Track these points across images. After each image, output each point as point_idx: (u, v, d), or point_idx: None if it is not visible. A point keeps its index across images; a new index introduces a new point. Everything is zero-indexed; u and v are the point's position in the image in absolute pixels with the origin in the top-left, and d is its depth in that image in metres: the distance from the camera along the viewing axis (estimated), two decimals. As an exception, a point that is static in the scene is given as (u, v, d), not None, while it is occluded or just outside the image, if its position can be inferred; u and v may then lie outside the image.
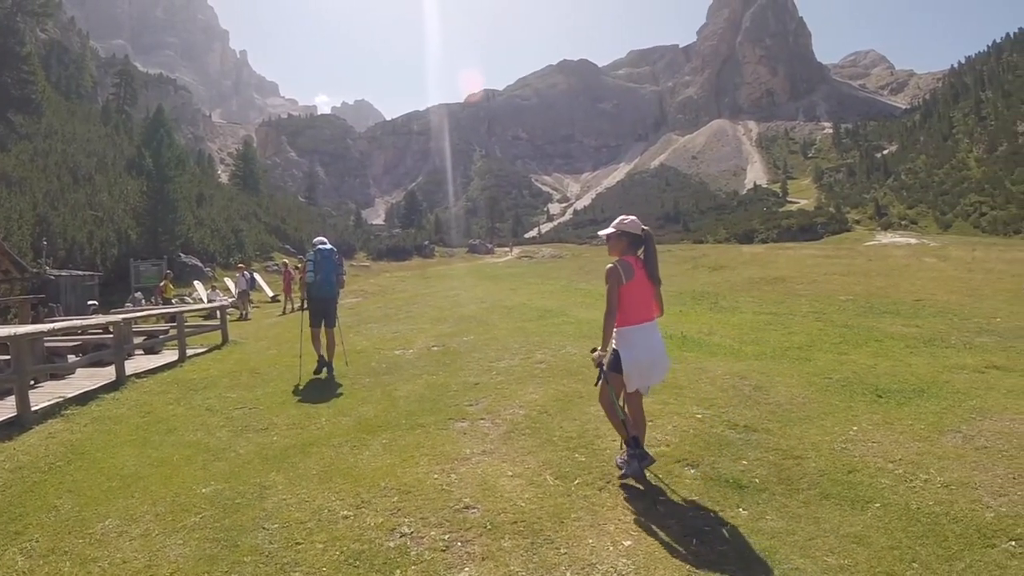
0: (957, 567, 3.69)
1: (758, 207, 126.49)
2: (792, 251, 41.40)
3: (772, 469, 5.12)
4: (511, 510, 4.41)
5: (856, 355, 9.66)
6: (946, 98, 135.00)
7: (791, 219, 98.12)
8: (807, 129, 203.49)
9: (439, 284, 29.88)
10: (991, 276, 23.37)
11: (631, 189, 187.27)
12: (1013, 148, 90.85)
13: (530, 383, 8.03)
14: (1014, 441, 5.52)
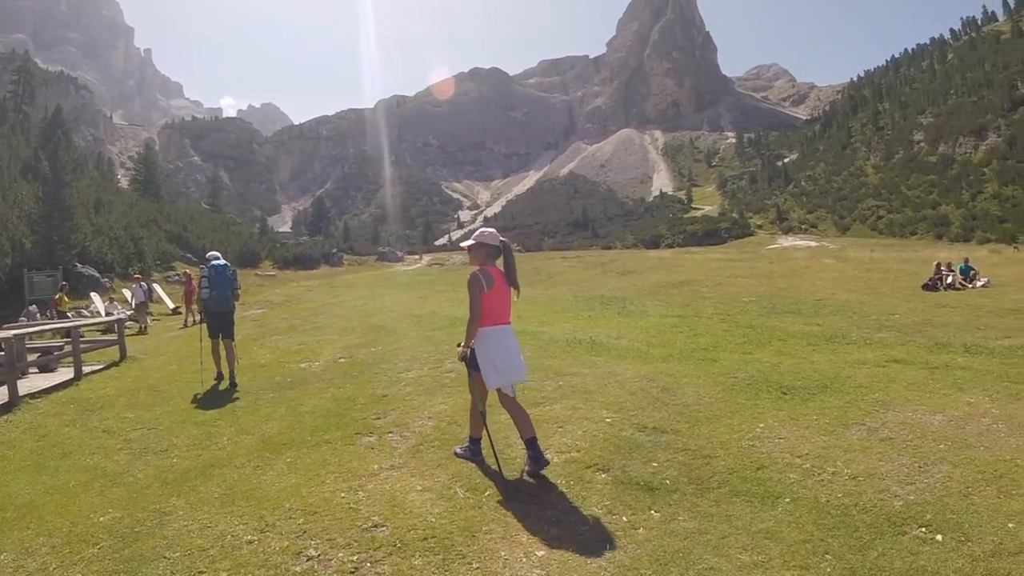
0: (870, 556, 3.79)
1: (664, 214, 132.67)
2: (697, 255, 43.22)
3: (682, 469, 5.20)
4: (421, 526, 4.39)
5: (760, 354, 10.05)
6: (845, 109, 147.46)
7: (696, 225, 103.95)
8: (711, 139, 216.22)
9: (347, 293, 29.48)
10: (889, 275, 25.18)
11: (541, 196, 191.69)
12: (909, 156, 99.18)
13: (439, 393, 7.97)
14: (917, 431, 5.82)
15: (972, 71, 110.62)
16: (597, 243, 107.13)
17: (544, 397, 7.50)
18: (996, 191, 77.00)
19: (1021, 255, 38.76)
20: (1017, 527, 4.06)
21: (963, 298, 18.32)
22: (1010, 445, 5.41)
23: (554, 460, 5.47)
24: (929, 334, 11.90)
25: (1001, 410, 6.32)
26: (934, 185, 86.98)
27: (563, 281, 32.52)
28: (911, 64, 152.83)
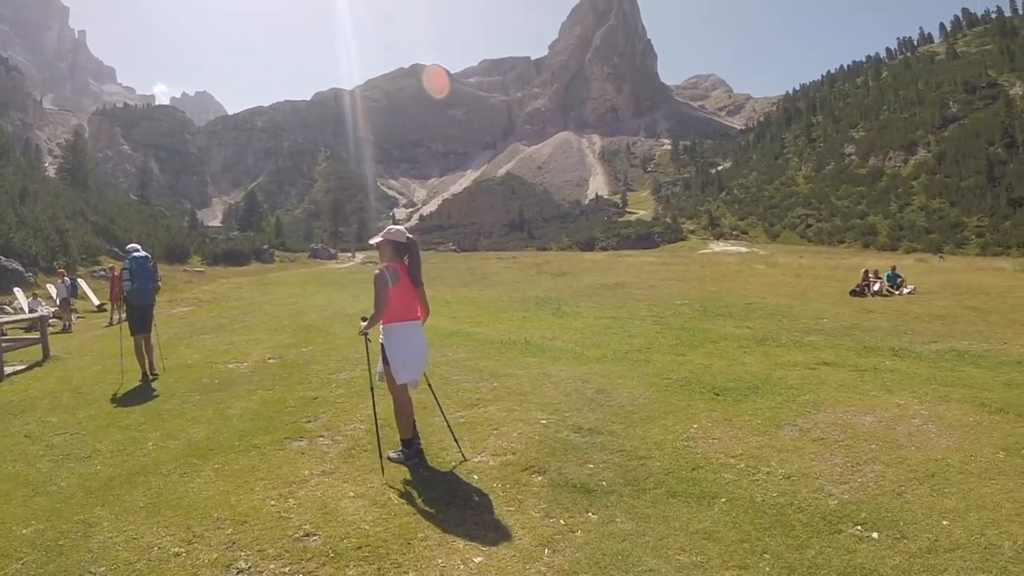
0: (807, 555, 3.85)
1: (599, 217, 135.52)
2: (631, 258, 44.14)
3: (618, 471, 5.23)
4: (355, 534, 4.30)
5: (693, 356, 10.26)
6: (780, 121, 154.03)
7: (630, 229, 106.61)
8: (648, 145, 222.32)
9: (278, 291, 28.84)
10: (817, 281, 26.16)
11: (477, 196, 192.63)
12: (839, 168, 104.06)
13: (368, 395, 7.79)
14: (848, 432, 5.99)
15: (905, 89, 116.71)
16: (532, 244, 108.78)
17: (479, 399, 7.44)
18: (924, 204, 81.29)
19: (946, 264, 40.96)
20: (951, 525, 4.19)
21: (890, 304, 19.18)
22: (940, 445, 5.62)
23: (490, 463, 5.43)
24: (857, 338, 12.39)
25: (930, 411, 6.57)
26: (863, 196, 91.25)
27: (498, 282, 32.66)
28: (846, 80, 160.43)
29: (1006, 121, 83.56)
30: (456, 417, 6.66)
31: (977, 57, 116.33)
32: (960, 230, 70.78)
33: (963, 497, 4.63)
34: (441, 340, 11.55)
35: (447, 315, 16.22)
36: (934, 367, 9.14)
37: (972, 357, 10.01)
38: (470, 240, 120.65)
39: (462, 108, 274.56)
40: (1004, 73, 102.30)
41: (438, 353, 10.11)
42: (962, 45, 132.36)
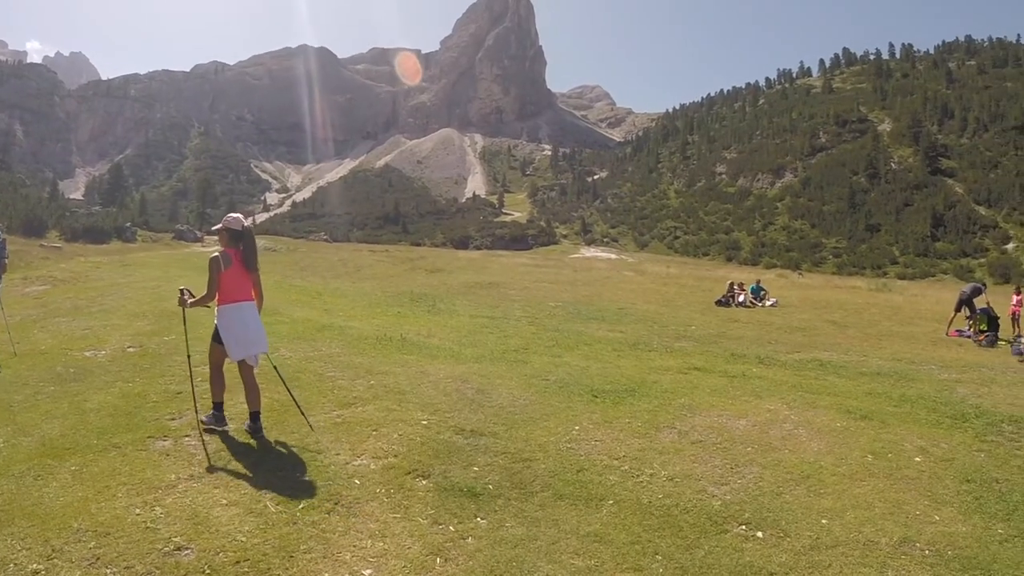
0: (698, 555, 3.99)
1: (475, 215, 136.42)
2: (505, 259, 44.70)
3: (504, 473, 5.22)
4: (231, 547, 4.04)
5: (569, 357, 10.45)
6: (657, 136, 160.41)
7: (505, 229, 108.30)
8: (529, 148, 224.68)
9: (140, 273, 26.76)
10: (684, 290, 27.47)
11: (354, 186, 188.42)
12: (709, 185, 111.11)
13: (239, 391, 7.32)
14: (725, 435, 6.29)
15: (779, 117, 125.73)
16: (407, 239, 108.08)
17: (356, 397, 7.21)
18: (786, 224, 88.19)
19: (805, 281, 44.20)
20: (830, 523, 4.49)
21: (753, 315, 20.38)
22: (812, 449, 6.01)
23: (371, 466, 5.27)
24: (725, 345, 13.07)
25: (799, 416, 7.01)
26: (730, 213, 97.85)
27: (371, 275, 32.12)
28: (724, 103, 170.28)
29: (871, 154, 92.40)
30: (332, 416, 6.45)
31: (851, 93, 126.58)
32: (819, 250, 77.13)
33: (838, 497, 4.97)
34: (314, 334, 11.20)
35: (319, 307, 15.75)
36: (799, 375, 9.76)
37: (834, 367, 10.79)
38: (343, 231, 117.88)
39: (346, 95, 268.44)
40: (875, 110, 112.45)
41: (310, 348, 9.78)
42: (838, 81, 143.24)
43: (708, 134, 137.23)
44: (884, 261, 68.36)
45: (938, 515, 4.80)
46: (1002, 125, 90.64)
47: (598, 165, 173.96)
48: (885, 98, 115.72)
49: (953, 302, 18.47)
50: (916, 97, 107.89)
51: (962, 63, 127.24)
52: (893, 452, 6.01)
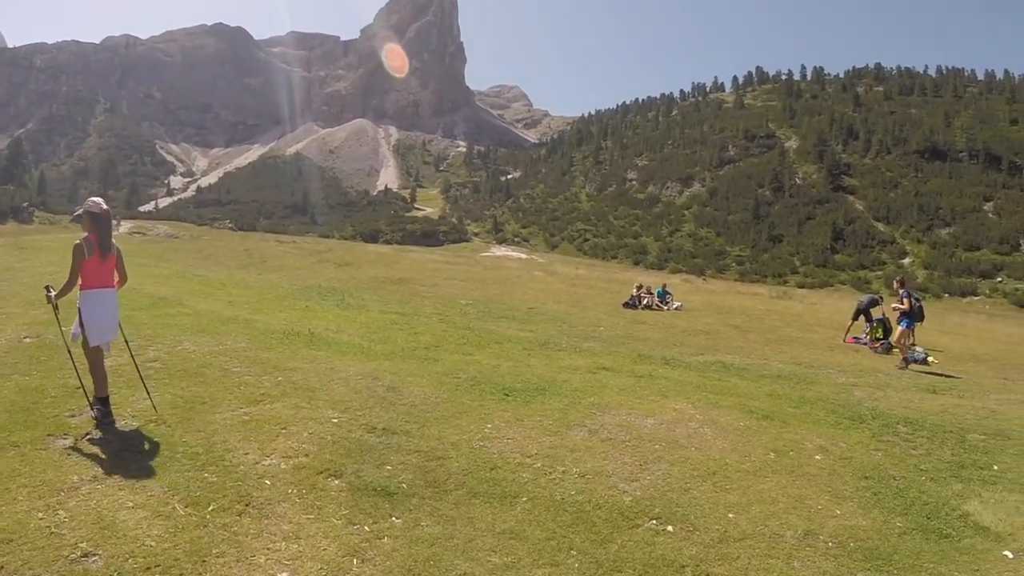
0: (611, 549, 4.11)
1: (386, 209, 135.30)
2: (415, 254, 44.48)
3: (418, 472, 5.22)
4: (140, 553, 3.88)
5: (480, 355, 10.49)
6: (572, 140, 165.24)
7: (416, 224, 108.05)
8: (443, 144, 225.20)
9: (37, 258, 25.09)
10: (593, 291, 27.98)
11: (262, 173, 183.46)
12: (620, 190, 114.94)
13: (138, 386, 6.99)
14: (633, 433, 6.47)
15: (691, 128, 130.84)
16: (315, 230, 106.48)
17: (264, 394, 6.99)
18: (692, 231, 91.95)
19: (709, 286, 45.87)
20: (736, 516, 4.70)
21: (659, 318, 20.99)
22: (717, 446, 6.26)
23: (282, 466, 5.15)
24: (631, 346, 13.43)
25: (704, 416, 7.27)
26: (638, 219, 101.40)
27: (278, 267, 31.34)
28: (639, 112, 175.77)
29: (777, 169, 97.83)
30: (240, 414, 6.26)
31: (761, 110, 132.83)
32: (723, 258, 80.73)
33: (743, 492, 5.21)
34: (218, 327, 10.81)
35: (223, 299, 15.22)
36: (703, 376, 10.13)
37: (736, 369, 11.27)
38: (249, 219, 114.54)
39: (260, 78, 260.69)
40: (783, 127, 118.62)
41: (215, 342, 9.43)
42: (750, 98, 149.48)
43: (621, 141, 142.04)
44: (785, 270, 72.04)
45: (839, 509, 5.11)
46: (904, 148, 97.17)
47: (512, 165, 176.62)
48: (793, 116, 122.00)
49: (850, 311, 19.56)
50: (823, 117, 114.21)
51: (870, 88, 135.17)
52: (794, 450, 6.33)
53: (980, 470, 6.46)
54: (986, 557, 4.72)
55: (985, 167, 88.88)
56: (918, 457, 6.64)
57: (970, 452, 7.00)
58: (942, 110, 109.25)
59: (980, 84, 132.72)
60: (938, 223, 78.57)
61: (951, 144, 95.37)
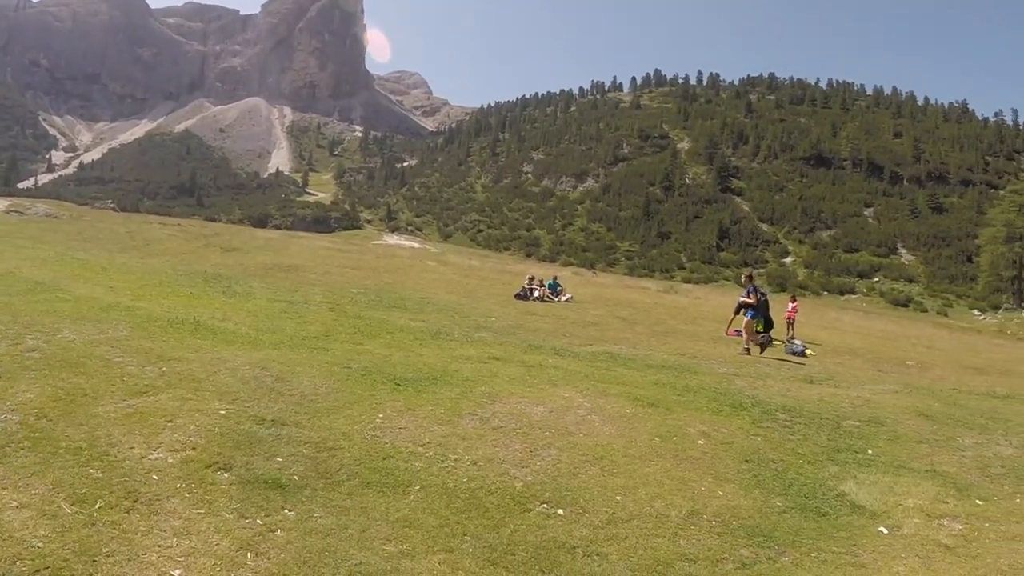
0: (504, 533, 4.22)
1: (277, 193, 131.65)
2: (305, 240, 43.50)
3: (309, 463, 5.18)
4: (28, 555, 3.72)
5: (371, 345, 10.40)
6: (470, 130, 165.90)
7: (307, 210, 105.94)
8: (339, 128, 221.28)
9: None
10: (485, 282, 28.15)
11: (149, 151, 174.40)
12: (515, 183, 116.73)
13: (22, 378, 6.50)
14: (524, 420, 6.62)
15: (588, 125, 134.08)
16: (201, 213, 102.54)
17: (148, 386, 6.67)
18: (584, 225, 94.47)
19: (599, 279, 46.96)
20: (624, 499, 4.91)
21: (550, 309, 21.33)
22: (605, 433, 6.49)
23: (169, 460, 4.98)
24: (522, 336, 13.62)
25: (592, 404, 7.49)
26: (532, 211, 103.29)
27: (162, 251, 29.95)
28: (538, 106, 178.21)
29: (669, 168, 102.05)
30: (124, 407, 5.98)
31: (657, 111, 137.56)
32: (613, 252, 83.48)
33: (630, 476, 5.44)
34: (99, 314, 10.21)
35: (104, 284, 14.36)
36: (592, 366, 10.44)
37: (623, 359, 11.64)
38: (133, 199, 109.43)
39: (152, 49, 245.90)
40: (676, 129, 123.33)
41: (95, 329, 8.91)
42: (646, 99, 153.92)
43: (519, 134, 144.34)
44: (672, 266, 75.16)
45: (721, 491, 5.43)
46: (791, 155, 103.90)
47: (409, 152, 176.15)
48: (687, 119, 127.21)
49: (733, 306, 20.48)
50: (716, 121, 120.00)
51: (762, 96, 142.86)
52: (678, 436, 6.63)
53: (855, 454, 6.99)
54: (862, 533, 5.13)
55: (867, 175, 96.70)
56: (796, 442, 7.10)
57: (845, 437, 7.55)
58: (830, 121, 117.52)
59: (868, 98, 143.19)
60: (820, 226, 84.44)
61: (836, 153, 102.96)
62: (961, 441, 8.17)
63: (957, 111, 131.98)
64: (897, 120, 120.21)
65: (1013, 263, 59.83)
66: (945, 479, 6.61)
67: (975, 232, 70.93)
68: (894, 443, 7.61)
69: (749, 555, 4.51)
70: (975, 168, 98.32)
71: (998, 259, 60.83)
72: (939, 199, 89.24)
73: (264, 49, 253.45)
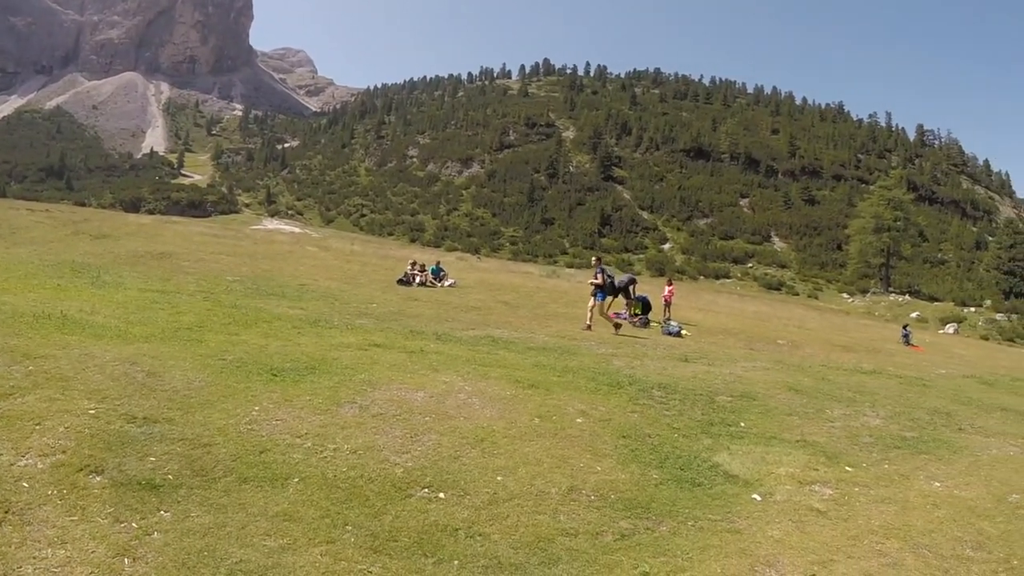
0: (386, 520, 4.23)
1: (151, 175, 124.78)
2: (180, 226, 41.48)
3: (184, 461, 5.01)
4: None
5: (247, 335, 10.05)
6: (355, 112, 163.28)
7: (183, 193, 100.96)
8: (218, 106, 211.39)
9: None
10: (367, 268, 27.75)
11: (17, 130, 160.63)
12: (400, 167, 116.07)
13: None
14: (404, 407, 6.61)
15: (475, 111, 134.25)
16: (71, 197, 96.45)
17: (14, 387, 6.17)
18: (469, 211, 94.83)
19: (483, 264, 47.17)
20: (504, 479, 5.02)
21: (433, 294, 21.28)
22: (485, 415, 6.59)
23: (39, 466, 4.69)
24: (404, 322, 13.54)
25: (473, 387, 7.57)
26: (417, 196, 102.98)
27: (27, 239, 27.77)
28: (425, 90, 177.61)
29: (554, 156, 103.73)
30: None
31: (544, 100, 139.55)
32: (497, 237, 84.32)
33: (510, 456, 5.56)
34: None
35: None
36: (473, 350, 10.51)
37: (505, 343, 11.78)
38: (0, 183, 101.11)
39: (27, 18, 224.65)
40: (562, 118, 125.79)
41: (-47, 327, 8.18)
42: (534, 87, 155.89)
43: (405, 117, 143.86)
44: (556, 251, 76.76)
45: (600, 466, 5.64)
46: (672, 147, 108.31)
47: (290, 133, 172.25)
48: (573, 109, 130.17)
49: (612, 289, 21.12)
50: (601, 112, 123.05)
51: (647, 90, 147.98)
52: (557, 415, 6.81)
53: (728, 427, 7.37)
54: (736, 500, 5.45)
55: (744, 169, 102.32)
56: (671, 417, 7.41)
57: (719, 412, 7.95)
58: (711, 116, 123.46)
59: (748, 96, 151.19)
60: (697, 214, 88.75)
61: (715, 146, 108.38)
62: (830, 413, 8.77)
63: (833, 112, 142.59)
64: (775, 118, 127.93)
65: (881, 251, 64.97)
66: (815, 448, 7.09)
67: (845, 223, 76.46)
68: (765, 416, 8.07)
69: (628, 526, 4.72)
70: (847, 164, 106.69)
71: (866, 247, 65.88)
72: (811, 192, 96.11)
73: (144, 20, 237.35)
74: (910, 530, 5.27)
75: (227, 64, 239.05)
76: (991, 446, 8.41)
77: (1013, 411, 11.83)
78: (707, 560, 4.44)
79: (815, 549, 4.78)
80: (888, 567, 4.65)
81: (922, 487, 6.34)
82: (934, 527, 5.39)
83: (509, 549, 4.13)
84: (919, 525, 5.38)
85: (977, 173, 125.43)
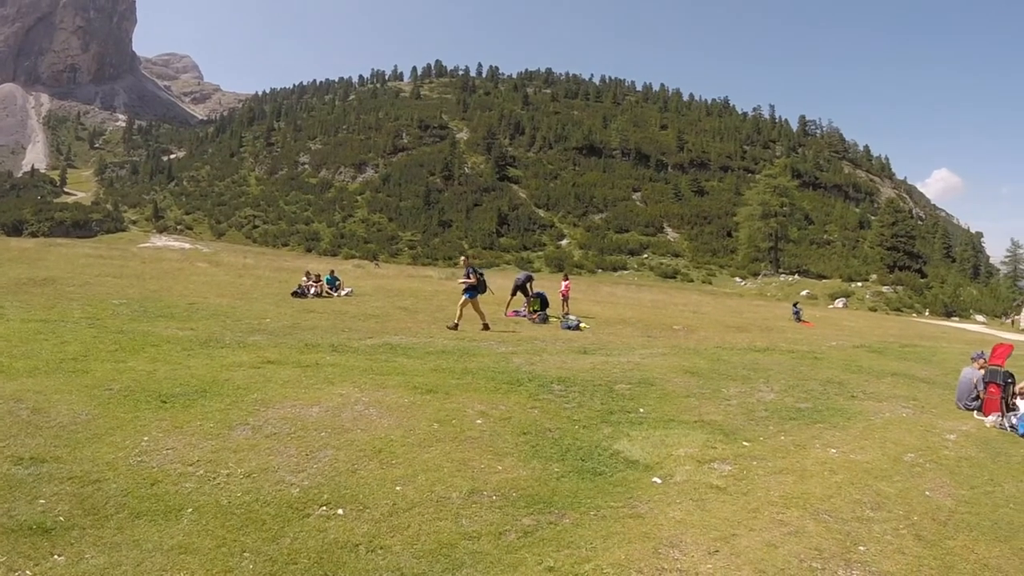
0: (284, 543, 4.14)
1: (32, 195, 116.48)
2: (65, 248, 39.19)
3: (74, 501, 4.76)
4: None
5: (134, 361, 9.62)
6: (242, 119, 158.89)
7: (66, 212, 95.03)
8: (101, 117, 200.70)
9: None
10: (260, 281, 26.96)
11: None
12: (292, 174, 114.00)
13: None
14: (299, 424, 6.50)
15: (367, 114, 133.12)
16: None
17: None
18: (365, 216, 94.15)
19: (381, 271, 46.53)
20: (404, 488, 5.01)
21: (329, 305, 20.88)
22: (382, 425, 6.55)
23: None
24: (299, 336, 13.23)
25: (370, 397, 7.52)
26: (311, 204, 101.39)
27: None
28: (315, 94, 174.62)
29: (448, 158, 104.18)
30: None
31: (437, 102, 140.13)
32: (395, 242, 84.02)
33: (409, 465, 5.56)
34: None
35: None
36: (371, 359, 10.41)
37: (403, 349, 11.72)
38: None
39: None
40: (456, 120, 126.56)
41: None
42: (427, 89, 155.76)
43: (295, 123, 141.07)
44: (455, 253, 76.71)
45: (500, 465, 5.71)
46: (565, 145, 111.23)
47: (176, 143, 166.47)
48: (467, 110, 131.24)
49: (510, 288, 21.28)
50: (494, 113, 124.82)
51: (539, 90, 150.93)
52: (457, 418, 6.86)
53: (627, 414, 7.57)
54: (637, 485, 5.61)
55: (635, 164, 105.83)
56: (571, 410, 7.57)
57: (618, 400, 8.15)
58: (601, 114, 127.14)
59: (638, 94, 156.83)
60: (592, 210, 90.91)
61: (607, 143, 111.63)
62: (726, 392, 9.13)
63: (719, 106, 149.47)
64: (664, 114, 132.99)
65: (769, 236, 68.35)
66: (713, 427, 7.37)
67: (733, 211, 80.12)
68: (663, 400, 8.34)
69: (531, 523, 4.79)
70: (734, 156, 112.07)
71: (755, 233, 69.28)
72: (700, 183, 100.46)
73: (23, 27, 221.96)
74: (809, 497, 5.57)
75: (109, 72, 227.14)
76: (884, 410, 8.99)
77: (903, 375, 12.67)
78: (611, 548, 4.54)
79: (717, 525, 4.97)
80: (790, 535, 4.87)
81: (819, 455, 6.71)
82: (833, 492, 5.71)
83: (412, 559, 4.12)
84: (818, 492, 5.69)
85: (859, 158, 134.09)
